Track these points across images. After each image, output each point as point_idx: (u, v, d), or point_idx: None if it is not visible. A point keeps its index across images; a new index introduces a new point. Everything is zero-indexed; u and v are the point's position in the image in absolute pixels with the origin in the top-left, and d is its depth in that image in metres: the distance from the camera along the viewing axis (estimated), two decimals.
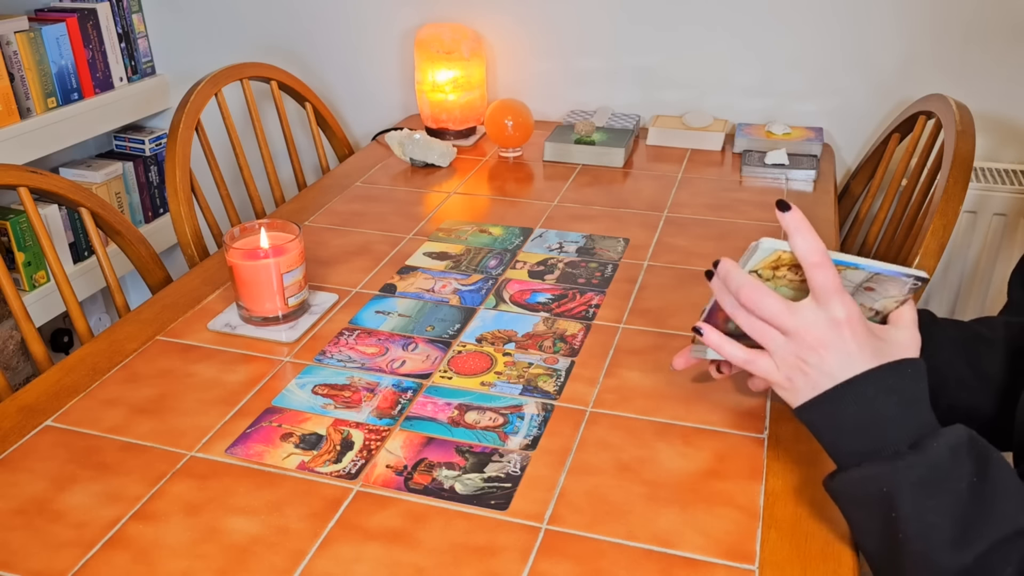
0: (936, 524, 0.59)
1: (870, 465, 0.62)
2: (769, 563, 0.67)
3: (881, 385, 0.64)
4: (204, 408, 0.87)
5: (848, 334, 0.65)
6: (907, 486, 0.60)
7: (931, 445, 0.61)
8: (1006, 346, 0.79)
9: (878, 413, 0.64)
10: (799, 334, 0.66)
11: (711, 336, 0.71)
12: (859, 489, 0.64)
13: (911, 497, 0.60)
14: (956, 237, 1.54)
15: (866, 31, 1.56)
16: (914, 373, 0.65)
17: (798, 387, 0.67)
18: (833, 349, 0.65)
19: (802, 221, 0.66)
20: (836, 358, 0.65)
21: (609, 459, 0.79)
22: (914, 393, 0.65)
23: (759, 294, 0.67)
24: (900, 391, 0.64)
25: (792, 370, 0.67)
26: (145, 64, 1.97)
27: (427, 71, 1.62)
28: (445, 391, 0.89)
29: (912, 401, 0.64)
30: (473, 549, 0.69)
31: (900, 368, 0.65)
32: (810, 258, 0.65)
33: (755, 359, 0.69)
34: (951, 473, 0.60)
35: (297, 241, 0.98)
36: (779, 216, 0.67)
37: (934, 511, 0.60)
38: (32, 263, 1.72)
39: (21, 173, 1.11)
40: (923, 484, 0.60)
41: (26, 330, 1.07)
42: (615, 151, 1.49)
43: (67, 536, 0.71)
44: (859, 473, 0.63)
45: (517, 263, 1.15)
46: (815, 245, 0.65)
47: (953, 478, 0.60)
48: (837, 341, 0.65)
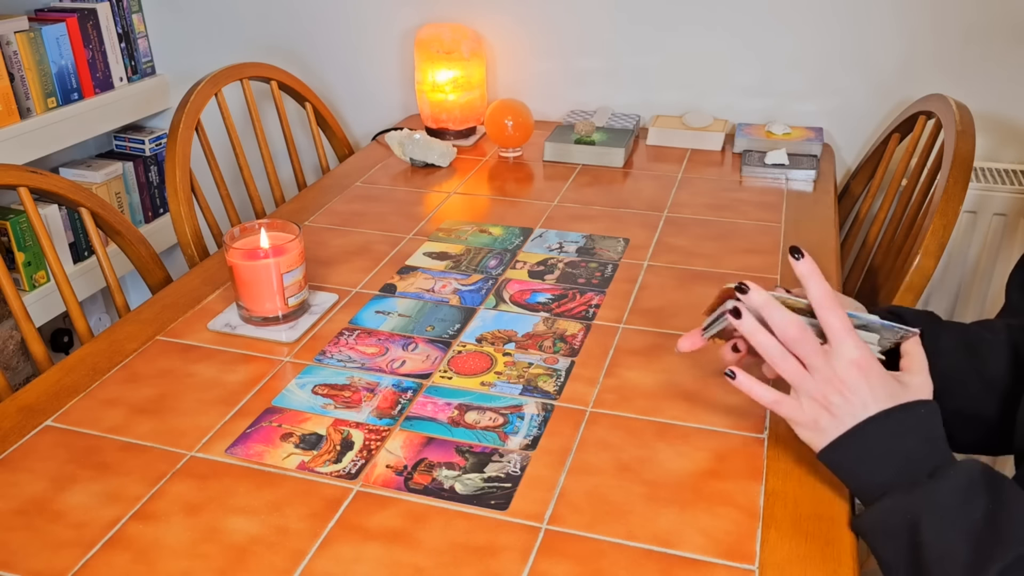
0: (955, 549, 0.61)
1: (894, 495, 0.65)
2: (769, 563, 0.67)
3: (901, 423, 0.67)
4: (204, 408, 0.87)
5: (864, 375, 0.68)
6: (929, 511, 0.63)
7: (949, 474, 0.64)
8: (1009, 349, 0.80)
9: (899, 448, 0.67)
10: (825, 374, 0.68)
11: (743, 380, 0.72)
12: (884, 520, 0.66)
13: (933, 521, 0.62)
14: (956, 237, 1.54)
15: (866, 31, 1.56)
16: (927, 414, 0.68)
17: (823, 427, 0.69)
18: (855, 390, 0.68)
19: (814, 268, 0.70)
20: (858, 399, 0.68)
21: (609, 459, 0.79)
22: (930, 431, 0.68)
23: (803, 332, 0.69)
24: (918, 429, 0.67)
25: (818, 411, 0.69)
26: (145, 64, 1.97)
27: (427, 71, 1.62)
28: (445, 391, 0.89)
29: (929, 438, 0.67)
30: (473, 549, 0.69)
31: (915, 409, 0.68)
32: (823, 302, 0.69)
33: (781, 401, 0.71)
34: (968, 500, 0.63)
35: (297, 241, 0.98)
36: (792, 263, 0.70)
37: (953, 536, 0.62)
38: (32, 263, 1.72)
39: (21, 173, 1.11)
40: (945, 508, 0.63)
41: (26, 330, 1.07)
42: (615, 151, 1.49)
43: (67, 536, 0.71)
44: (883, 505, 0.66)
45: (517, 263, 1.15)
46: (827, 290, 0.69)
47: (970, 504, 0.62)
48: (857, 382, 0.68)
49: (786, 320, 0.69)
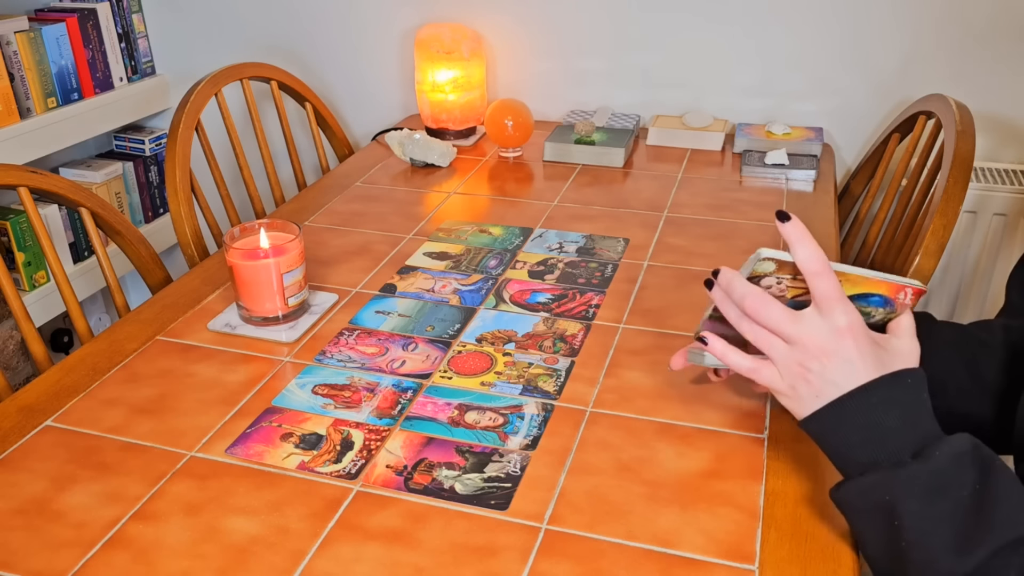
0: (938, 531, 0.60)
1: (872, 474, 0.63)
2: (769, 563, 0.67)
3: (883, 396, 0.65)
4: (204, 408, 0.87)
5: (850, 342, 0.65)
6: (909, 494, 0.61)
7: (933, 454, 0.61)
8: (1005, 350, 0.79)
9: (881, 423, 0.64)
10: (802, 342, 0.66)
11: (715, 344, 0.71)
12: (862, 498, 0.64)
13: (913, 505, 0.61)
14: (956, 237, 1.54)
15: (866, 31, 1.56)
16: (914, 383, 0.66)
17: (801, 396, 0.67)
18: (836, 357, 0.65)
19: (803, 231, 0.66)
20: (838, 366, 0.65)
21: (609, 459, 0.79)
22: (916, 403, 0.65)
23: (763, 302, 0.67)
24: (902, 402, 0.65)
25: (795, 378, 0.67)
26: (145, 64, 1.97)
27: (427, 71, 1.62)
28: (445, 391, 0.89)
29: (914, 411, 0.65)
30: (473, 549, 0.69)
31: (901, 379, 0.65)
32: (811, 266, 0.65)
33: (759, 368, 0.69)
34: (954, 481, 0.61)
35: (297, 241, 0.98)
36: (779, 226, 0.67)
37: (936, 518, 0.60)
38: (32, 263, 1.72)
39: (21, 173, 1.11)
40: (925, 492, 0.61)
41: (26, 330, 1.07)
42: (615, 151, 1.49)
43: (67, 536, 0.71)
44: (862, 483, 0.64)
45: (517, 263, 1.15)
46: (816, 254, 0.66)
47: (956, 486, 0.61)
48: (840, 349, 0.65)
49: (742, 291, 0.67)
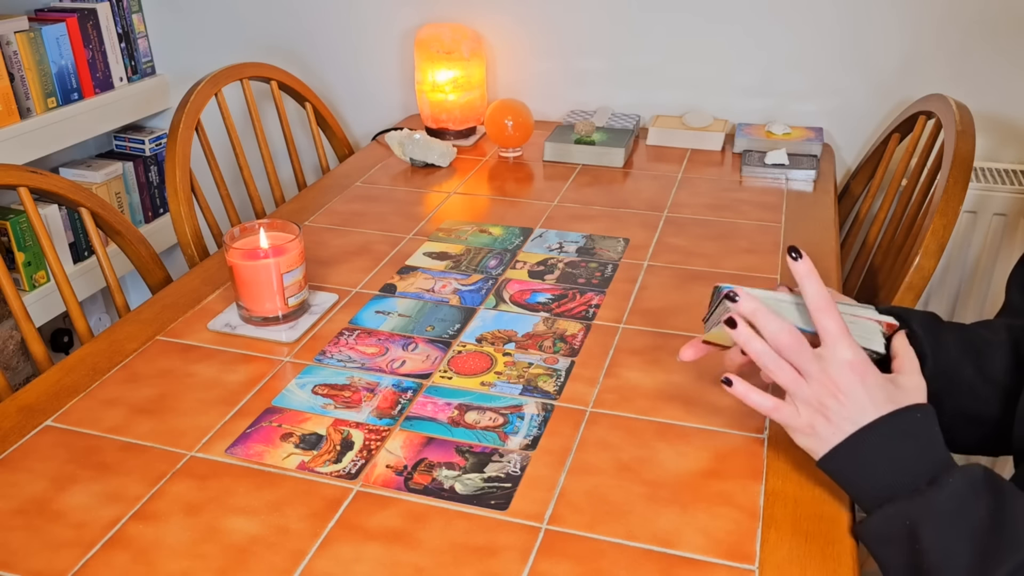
0: (958, 552, 0.61)
1: (891, 504, 0.65)
2: (769, 563, 0.67)
3: (898, 430, 0.67)
4: (204, 408, 0.87)
5: (859, 377, 0.68)
6: (928, 517, 0.63)
7: (948, 481, 0.64)
8: (1010, 349, 0.79)
9: (897, 456, 0.66)
10: (819, 379, 0.68)
11: (740, 388, 0.72)
12: (884, 527, 0.66)
13: (932, 528, 0.62)
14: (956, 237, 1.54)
15: (866, 31, 1.56)
16: (925, 417, 0.68)
17: (820, 433, 0.69)
18: (850, 394, 0.68)
19: (810, 268, 0.70)
20: (853, 402, 0.68)
21: (609, 459, 0.79)
22: (929, 436, 0.67)
23: (798, 340, 0.69)
24: (915, 435, 0.67)
25: (814, 416, 0.69)
26: (145, 64, 1.97)
27: (427, 71, 1.62)
28: (445, 391, 0.89)
29: (928, 443, 0.67)
30: (473, 549, 0.69)
31: (912, 413, 0.68)
32: (818, 303, 0.69)
33: (779, 407, 0.71)
34: (970, 504, 0.62)
35: (297, 241, 0.98)
36: (790, 263, 0.70)
37: (956, 539, 0.61)
38: (32, 263, 1.72)
39: (21, 173, 1.11)
40: (943, 515, 0.62)
41: (26, 330, 1.07)
42: (615, 151, 1.49)
43: (67, 536, 0.71)
44: (884, 512, 0.65)
45: (517, 263, 1.15)
46: (822, 291, 0.69)
47: (971, 509, 0.62)
48: (851, 385, 0.68)
49: (776, 327, 0.69)
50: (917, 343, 0.78)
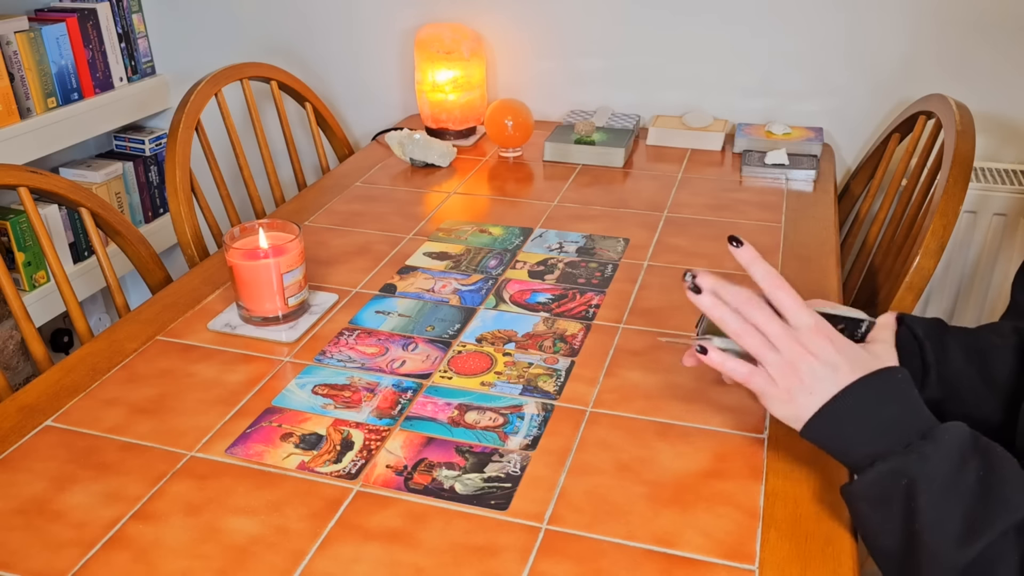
0: (948, 515, 0.61)
1: (888, 460, 0.64)
2: (769, 563, 0.67)
3: (878, 390, 0.66)
4: (204, 408, 0.87)
5: (826, 341, 0.68)
6: (926, 473, 0.62)
7: (942, 436, 0.63)
8: (1017, 353, 0.79)
9: (880, 415, 0.66)
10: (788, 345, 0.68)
11: (713, 356, 0.72)
12: (880, 486, 0.64)
13: (929, 485, 0.62)
14: (956, 237, 1.54)
15: (866, 31, 1.56)
16: (904, 379, 0.67)
17: (797, 399, 0.68)
18: (821, 355, 0.68)
19: (754, 253, 0.70)
20: (826, 364, 0.68)
21: (609, 459, 0.79)
22: (909, 396, 0.67)
23: (761, 307, 0.69)
24: (896, 394, 0.67)
25: (790, 381, 0.68)
26: (145, 64, 1.97)
27: (427, 71, 1.62)
28: (445, 391, 0.89)
29: (910, 403, 0.67)
30: (473, 549, 0.69)
31: (890, 374, 0.67)
32: (770, 282, 0.70)
33: (754, 372, 0.70)
34: (960, 465, 0.62)
35: (297, 241, 0.98)
36: (732, 251, 0.71)
37: (946, 502, 0.61)
38: (32, 263, 1.72)
39: (21, 173, 1.11)
40: (938, 473, 0.62)
41: (26, 330, 1.07)
42: (615, 151, 1.49)
43: (67, 536, 0.71)
44: (879, 469, 0.64)
45: (517, 263, 1.15)
46: (771, 270, 0.70)
47: (962, 470, 0.62)
48: (820, 347, 0.68)
49: (734, 291, 0.70)
50: (921, 351, 0.78)
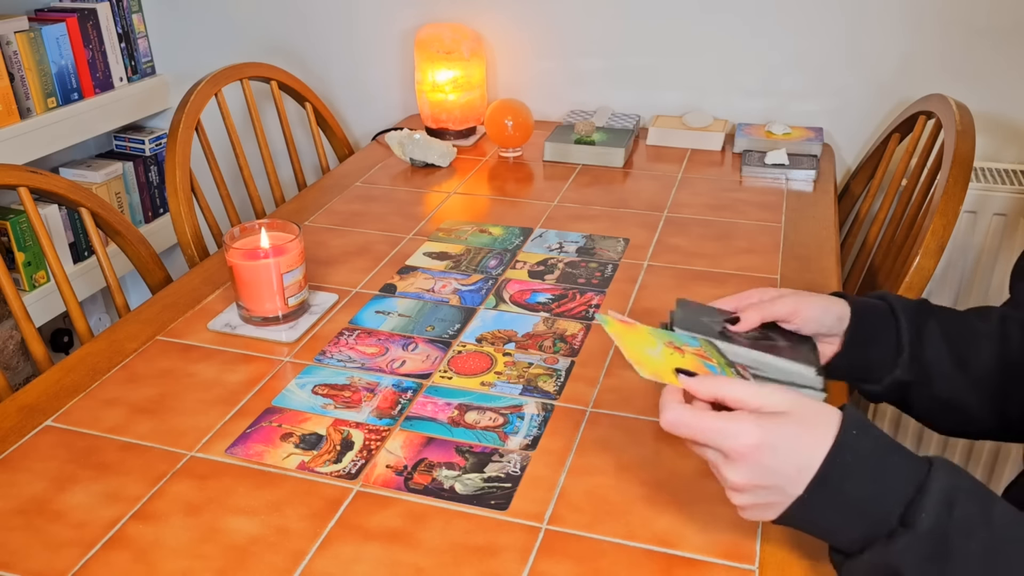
0: None
1: (870, 551, 0.58)
2: (769, 563, 0.67)
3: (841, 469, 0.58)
4: (204, 408, 0.87)
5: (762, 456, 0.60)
6: (914, 564, 0.56)
7: (919, 516, 0.56)
8: (997, 339, 0.79)
9: (850, 499, 0.59)
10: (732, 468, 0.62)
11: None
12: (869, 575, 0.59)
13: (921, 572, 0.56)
14: (956, 237, 1.53)
15: (866, 31, 1.56)
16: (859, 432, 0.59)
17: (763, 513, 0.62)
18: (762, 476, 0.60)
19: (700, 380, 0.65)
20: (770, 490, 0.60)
21: (609, 459, 0.79)
22: (870, 455, 0.59)
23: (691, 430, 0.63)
24: (856, 465, 0.59)
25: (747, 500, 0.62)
26: (145, 64, 1.97)
27: (427, 71, 1.62)
28: (445, 391, 0.89)
29: (876, 465, 0.59)
30: (473, 549, 0.69)
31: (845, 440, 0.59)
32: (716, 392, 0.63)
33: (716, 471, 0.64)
34: (954, 536, 0.56)
35: (297, 241, 0.98)
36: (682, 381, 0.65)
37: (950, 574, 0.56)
38: (32, 263, 1.72)
39: (21, 173, 1.11)
40: (927, 558, 0.56)
41: (26, 330, 1.07)
42: (615, 151, 1.49)
43: (67, 536, 0.71)
44: (864, 561, 0.59)
45: (517, 263, 1.15)
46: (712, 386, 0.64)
47: (957, 539, 0.56)
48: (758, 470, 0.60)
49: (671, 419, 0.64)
50: (897, 331, 0.79)
